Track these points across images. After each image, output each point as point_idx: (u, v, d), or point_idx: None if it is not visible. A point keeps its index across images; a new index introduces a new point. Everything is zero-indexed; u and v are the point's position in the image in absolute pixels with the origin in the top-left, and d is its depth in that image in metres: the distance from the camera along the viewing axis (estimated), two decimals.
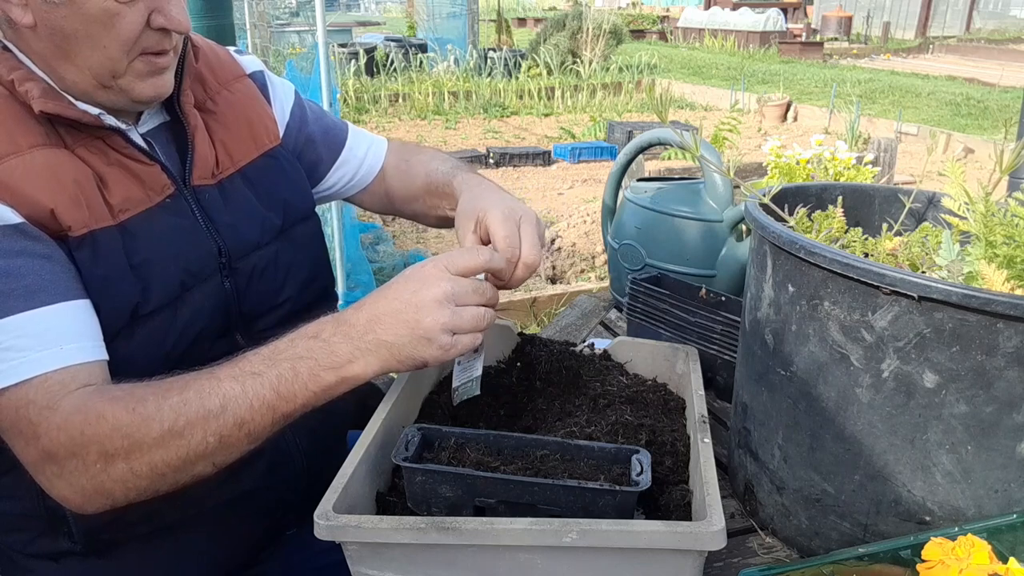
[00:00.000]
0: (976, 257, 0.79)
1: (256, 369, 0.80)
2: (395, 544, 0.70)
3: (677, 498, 0.82)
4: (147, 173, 0.94)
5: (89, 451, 0.78)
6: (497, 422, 0.96)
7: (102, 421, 0.78)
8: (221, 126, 1.05)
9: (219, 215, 1.00)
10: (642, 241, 1.47)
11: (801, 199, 0.99)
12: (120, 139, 0.92)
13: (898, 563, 0.70)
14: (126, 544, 0.96)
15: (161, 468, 0.79)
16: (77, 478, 0.79)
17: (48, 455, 0.79)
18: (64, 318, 0.82)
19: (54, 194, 0.84)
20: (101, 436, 0.78)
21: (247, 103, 1.10)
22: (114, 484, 0.80)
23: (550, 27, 12.32)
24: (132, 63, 0.88)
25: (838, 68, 13.73)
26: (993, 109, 9.61)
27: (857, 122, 7.68)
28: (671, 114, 9.75)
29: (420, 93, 10.06)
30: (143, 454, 0.78)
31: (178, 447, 0.79)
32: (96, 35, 0.85)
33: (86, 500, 0.81)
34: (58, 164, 0.86)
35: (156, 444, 0.78)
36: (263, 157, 1.09)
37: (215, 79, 1.08)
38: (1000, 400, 0.72)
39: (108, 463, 0.78)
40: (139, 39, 0.87)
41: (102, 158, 0.90)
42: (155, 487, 0.81)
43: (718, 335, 1.17)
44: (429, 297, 0.81)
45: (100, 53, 0.86)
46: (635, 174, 2.76)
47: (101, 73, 0.87)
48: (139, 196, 0.92)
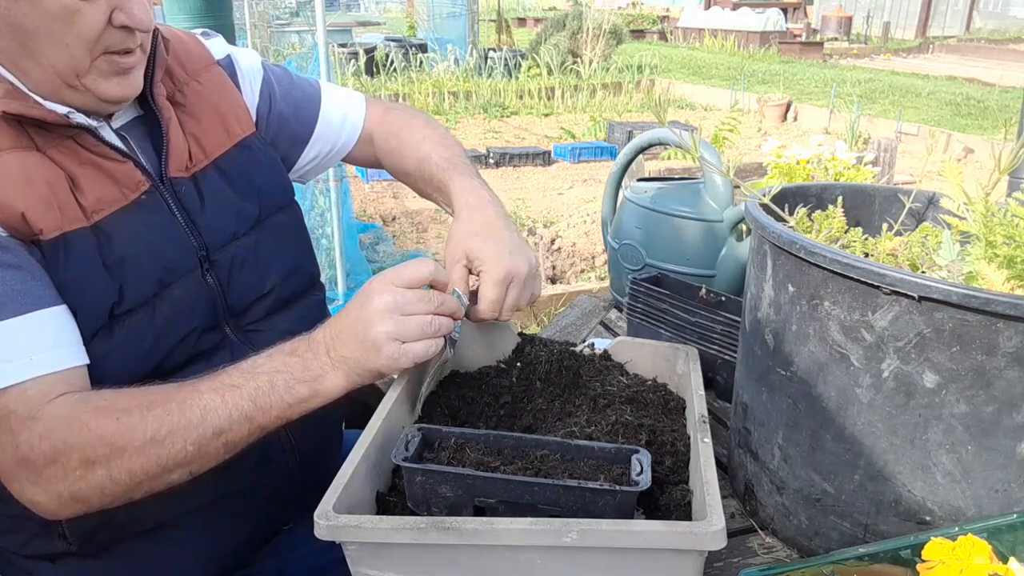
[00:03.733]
0: (976, 257, 0.79)
1: (235, 382, 0.84)
2: (395, 544, 0.70)
3: (677, 498, 0.82)
4: (121, 171, 0.93)
5: (71, 458, 0.80)
6: (497, 422, 0.96)
7: (85, 430, 0.80)
8: (191, 118, 1.04)
9: (196, 209, 1.00)
10: (642, 241, 1.47)
11: (801, 199, 0.99)
12: (91, 138, 0.91)
13: (898, 563, 0.70)
14: (121, 544, 0.96)
15: (139, 475, 0.82)
16: (54, 485, 0.81)
17: (25, 462, 0.80)
18: (35, 328, 0.82)
19: (25, 198, 0.84)
20: (84, 444, 0.80)
21: (217, 92, 1.09)
22: (91, 491, 0.81)
23: (550, 27, 12.31)
24: (95, 62, 0.87)
25: (838, 68, 13.74)
26: (993, 109, 9.61)
27: (857, 122, 7.68)
28: (671, 114, 9.75)
29: (420, 93, 10.06)
30: (124, 462, 0.81)
31: (159, 456, 0.81)
32: (57, 32, 0.83)
33: (60, 506, 0.82)
34: (29, 167, 0.85)
35: (137, 452, 0.81)
36: (236, 147, 1.08)
37: (183, 71, 1.06)
38: (1000, 400, 0.72)
39: (88, 470, 0.80)
40: (101, 37, 0.86)
41: (74, 158, 0.89)
42: (130, 494, 0.84)
43: (718, 335, 1.17)
44: (372, 309, 0.84)
45: (63, 51, 0.85)
46: (635, 174, 2.76)
47: (65, 72, 0.86)
48: (113, 195, 0.92)
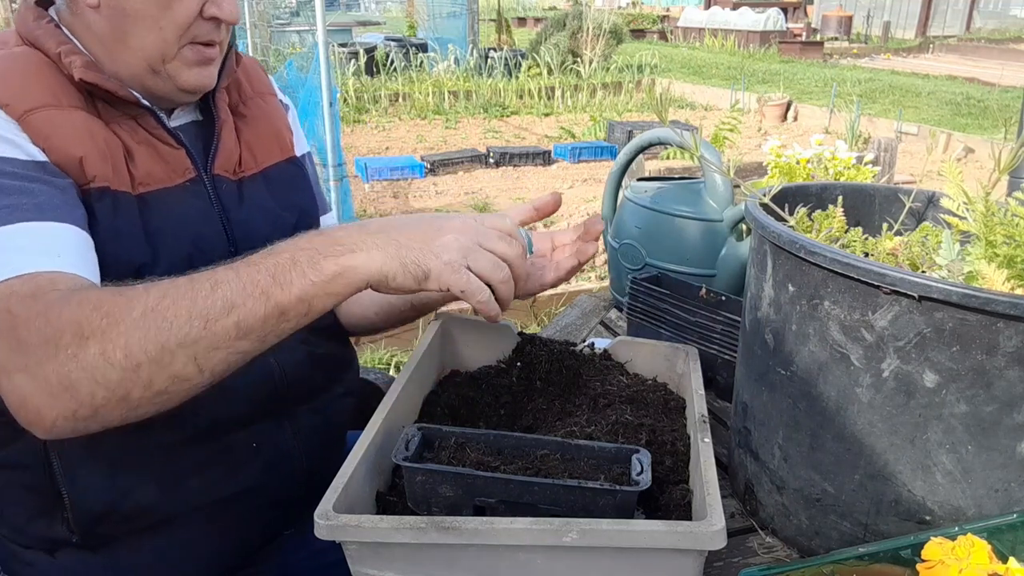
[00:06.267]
0: (976, 257, 0.79)
1: (252, 260, 0.76)
2: (395, 544, 0.70)
3: (677, 498, 0.82)
4: (172, 155, 0.97)
5: (64, 334, 0.72)
6: (497, 422, 0.96)
7: (85, 303, 0.73)
8: (250, 128, 1.09)
9: (234, 208, 1.03)
10: (642, 241, 1.47)
11: (801, 199, 0.99)
12: (152, 119, 0.96)
13: (898, 563, 0.70)
14: (122, 539, 0.96)
15: (137, 355, 0.71)
16: (43, 368, 0.72)
17: (19, 346, 0.73)
18: (69, 238, 0.82)
19: (84, 146, 0.88)
20: (80, 317, 0.72)
21: (277, 115, 1.15)
22: (82, 374, 0.71)
23: (550, 27, 12.32)
24: (182, 49, 0.93)
25: (838, 68, 13.73)
26: (993, 109, 9.61)
27: (857, 122, 7.68)
28: (671, 114, 9.75)
29: (420, 93, 10.06)
30: (120, 335, 0.71)
31: (159, 328, 0.71)
32: (154, 16, 0.90)
33: (49, 398, 0.72)
34: (93, 126, 0.90)
35: (135, 324, 0.72)
36: (287, 161, 1.12)
37: (251, 87, 1.13)
38: (1000, 400, 0.72)
39: (81, 345, 0.71)
40: (192, 26, 0.92)
41: (132, 135, 0.94)
42: (126, 385, 0.72)
43: (718, 335, 1.17)
44: (454, 221, 0.80)
45: (156, 35, 0.91)
46: (635, 174, 2.76)
47: (153, 55, 0.92)
48: (161, 174, 0.96)
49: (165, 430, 0.93)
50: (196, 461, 0.97)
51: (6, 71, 0.89)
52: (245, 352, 0.76)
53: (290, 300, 0.74)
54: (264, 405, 1.02)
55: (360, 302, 1.17)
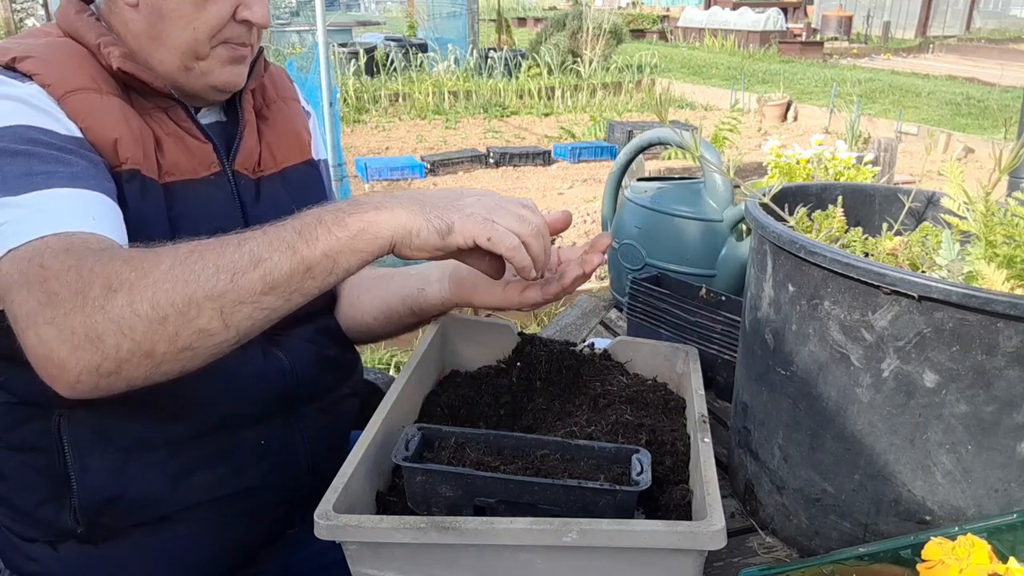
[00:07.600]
0: (976, 257, 0.79)
1: (279, 223, 0.79)
2: (395, 544, 0.70)
3: (677, 498, 0.82)
4: (199, 149, 1.00)
5: (93, 286, 0.73)
6: (497, 422, 0.96)
7: (116, 258, 0.75)
8: (271, 130, 1.12)
9: (251, 204, 1.05)
10: (642, 241, 1.47)
11: (801, 199, 0.99)
12: (182, 112, 1.00)
13: (898, 563, 0.70)
14: (124, 533, 0.96)
15: (164, 307, 0.72)
16: (71, 319, 0.72)
17: (49, 299, 0.73)
18: (103, 206, 0.85)
19: (120, 129, 0.91)
20: (110, 270, 0.74)
21: (299, 120, 1.18)
22: (108, 325, 0.72)
23: (550, 27, 12.31)
24: (215, 48, 0.97)
25: (838, 68, 13.73)
26: (993, 109, 9.61)
27: (857, 122, 7.68)
28: (671, 114, 9.75)
29: (420, 93, 10.06)
30: (147, 287, 0.73)
31: (186, 281, 0.73)
32: (189, 16, 0.94)
33: (74, 349, 0.72)
34: (128, 113, 0.94)
35: (164, 276, 0.73)
36: (304, 164, 1.15)
37: (275, 91, 1.16)
38: (1000, 400, 0.72)
39: (109, 297, 0.72)
40: (223, 28, 0.96)
41: (162, 126, 0.98)
42: (152, 338, 0.73)
43: (718, 335, 1.17)
44: (473, 191, 0.83)
45: (189, 34, 0.95)
46: (635, 174, 2.76)
47: (187, 53, 0.96)
48: (187, 166, 0.98)
49: (177, 422, 0.94)
50: (204, 456, 0.97)
51: (49, 57, 0.92)
52: (271, 309, 0.76)
53: (315, 255, 0.75)
54: (275, 403, 1.02)
55: (360, 307, 1.17)
